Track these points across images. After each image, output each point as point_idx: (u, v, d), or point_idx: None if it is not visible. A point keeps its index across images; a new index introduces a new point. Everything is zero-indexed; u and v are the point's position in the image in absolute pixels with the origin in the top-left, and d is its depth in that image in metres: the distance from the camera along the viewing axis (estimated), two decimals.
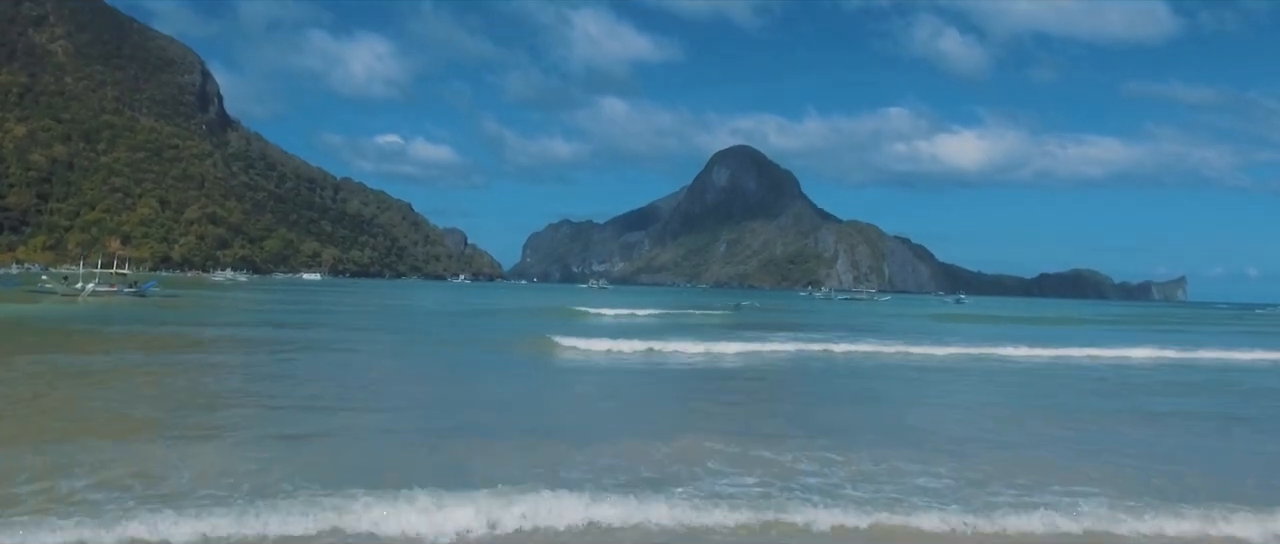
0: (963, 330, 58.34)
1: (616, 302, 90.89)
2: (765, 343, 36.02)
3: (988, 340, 41.46)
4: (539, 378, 23.57)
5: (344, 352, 30.01)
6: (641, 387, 22.90)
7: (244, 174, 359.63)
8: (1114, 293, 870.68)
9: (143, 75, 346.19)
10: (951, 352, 34.77)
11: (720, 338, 38.64)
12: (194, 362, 24.91)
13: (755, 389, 22.68)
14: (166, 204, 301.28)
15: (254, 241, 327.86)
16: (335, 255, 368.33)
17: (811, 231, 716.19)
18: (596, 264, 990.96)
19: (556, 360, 28.60)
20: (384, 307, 69.50)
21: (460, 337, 38.85)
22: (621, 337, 35.16)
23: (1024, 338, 43.13)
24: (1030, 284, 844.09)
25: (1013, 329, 61.22)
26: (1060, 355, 35.19)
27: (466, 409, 17.11)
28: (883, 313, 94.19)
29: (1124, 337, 51.14)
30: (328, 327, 42.38)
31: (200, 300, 68.08)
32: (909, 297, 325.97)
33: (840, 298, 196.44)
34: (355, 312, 56.58)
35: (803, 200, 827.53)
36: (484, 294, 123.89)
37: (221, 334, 35.49)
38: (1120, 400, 21.77)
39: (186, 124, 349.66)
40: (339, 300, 76.37)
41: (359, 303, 75.57)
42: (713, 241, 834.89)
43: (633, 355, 30.61)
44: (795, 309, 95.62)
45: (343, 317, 50.66)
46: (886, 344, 36.56)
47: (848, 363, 31.18)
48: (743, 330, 48.98)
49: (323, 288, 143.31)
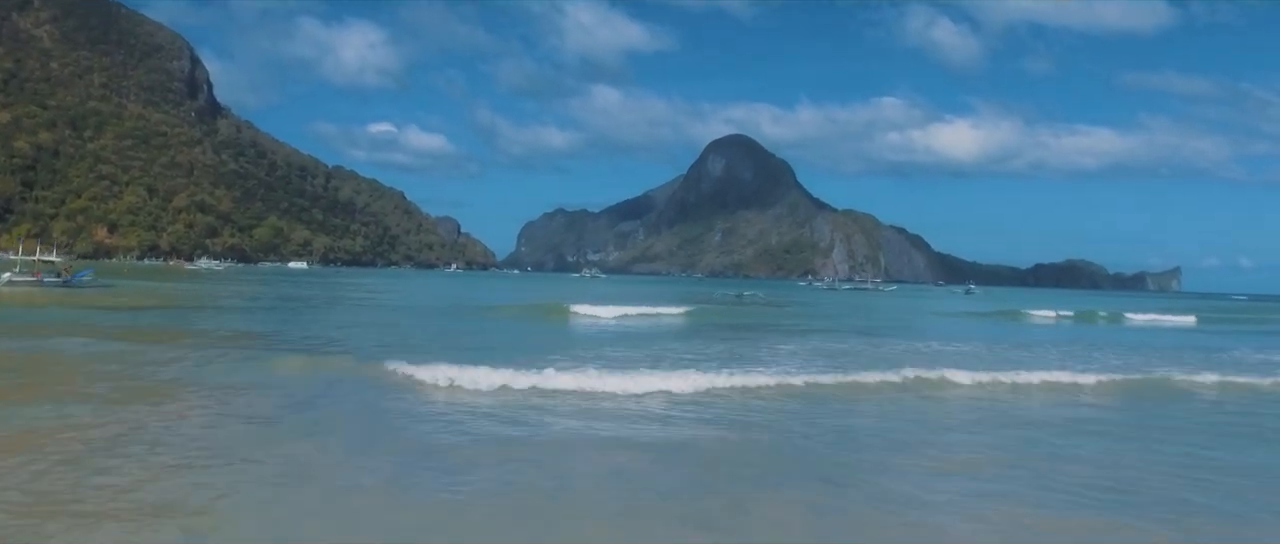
0: (1058, 338, 44.22)
1: (610, 296, 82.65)
2: (846, 369, 22.99)
3: (1135, 355, 31.72)
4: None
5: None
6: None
7: (234, 162, 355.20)
8: (1108, 283, 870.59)
9: (130, 61, 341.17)
10: (1115, 379, 23.01)
11: (760, 361, 25.03)
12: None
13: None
14: (154, 192, 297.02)
15: (244, 230, 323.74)
16: (327, 244, 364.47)
17: (807, 221, 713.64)
18: (591, 253, 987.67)
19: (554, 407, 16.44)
20: (349, 301, 60.15)
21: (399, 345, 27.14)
22: (629, 367, 21.28)
23: (1166, 350, 35.51)
24: (1025, 274, 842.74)
25: (1116, 334, 51.01)
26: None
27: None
28: (902, 307, 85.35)
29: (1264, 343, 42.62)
30: (221, 345, 25.40)
31: (143, 292, 58.92)
32: (915, 287, 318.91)
33: (845, 288, 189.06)
34: (289, 311, 46.23)
35: (798, 190, 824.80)
36: (471, 285, 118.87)
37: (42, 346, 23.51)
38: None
39: (175, 111, 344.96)
40: (302, 294, 65.73)
41: (321, 296, 63.61)
42: (708, 231, 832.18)
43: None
44: (805, 303, 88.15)
45: (264, 318, 39.09)
46: (1002, 370, 23.00)
47: (1001, 406, 18.60)
48: (781, 336, 37.26)
49: (305, 277, 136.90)
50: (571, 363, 21.63)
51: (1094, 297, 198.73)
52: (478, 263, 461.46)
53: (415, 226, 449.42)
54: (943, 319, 64.70)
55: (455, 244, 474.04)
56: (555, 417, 15.08)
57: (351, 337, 30.84)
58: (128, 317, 37.03)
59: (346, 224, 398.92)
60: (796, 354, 28.07)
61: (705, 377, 19.55)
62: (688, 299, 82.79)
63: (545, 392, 17.34)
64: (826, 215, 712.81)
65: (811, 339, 35.83)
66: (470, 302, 63.73)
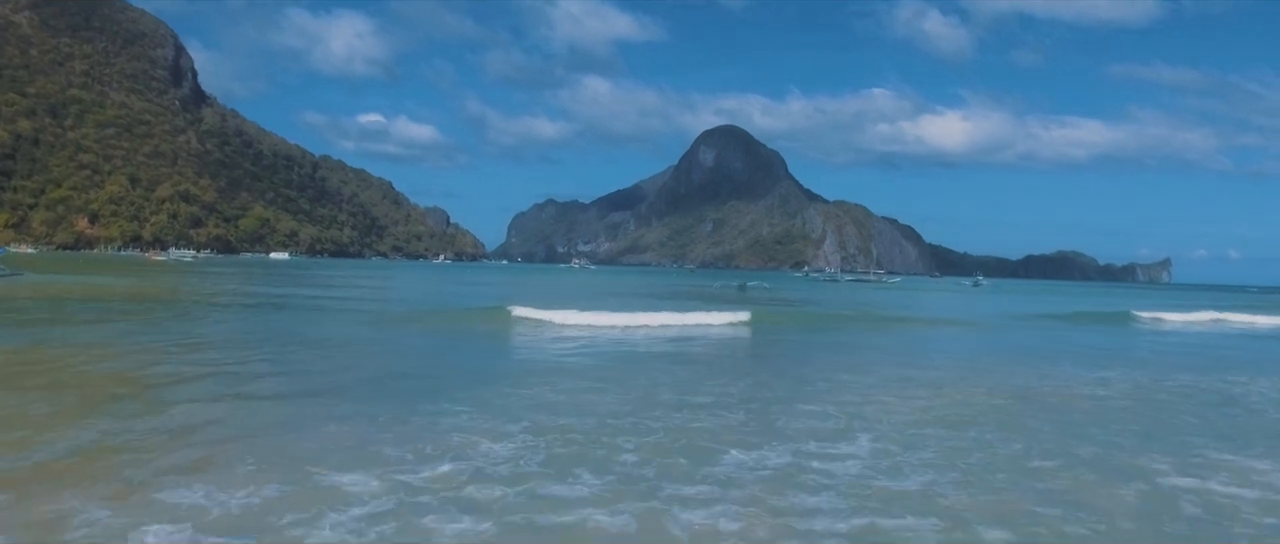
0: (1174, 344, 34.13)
1: (589, 291, 73.94)
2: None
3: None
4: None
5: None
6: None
7: (219, 151, 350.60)
8: (1099, 275, 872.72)
9: (112, 49, 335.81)
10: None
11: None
12: None
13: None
14: (137, 182, 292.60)
15: (229, 220, 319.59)
16: (314, 234, 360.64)
17: (799, 212, 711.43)
18: (581, 244, 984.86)
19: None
20: (294, 302, 43.05)
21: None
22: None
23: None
24: (1016, 266, 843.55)
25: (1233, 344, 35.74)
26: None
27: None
28: (937, 305, 73.12)
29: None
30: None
31: (47, 288, 47.65)
32: (917, 279, 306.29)
33: (846, 279, 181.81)
34: (190, 320, 30.52)
35: (789, 181, 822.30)
36: (448, 278, 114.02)
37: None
38: None
39: (159, 100, 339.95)
40: (250, 291, 52.37)
41: (269, 295, 48.42)
42: (699, 222, 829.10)
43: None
44: (818, 299, 73.70)
45: (141, 332, 24.69)
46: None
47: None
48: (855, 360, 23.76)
49: (279, 269, 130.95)
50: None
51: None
52: (467, 254, 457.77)
53: (403, 217, 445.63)
54: (1032, 325, 43.81)
55: (444, 235, 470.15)
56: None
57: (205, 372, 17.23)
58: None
59: (334, 214, 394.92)
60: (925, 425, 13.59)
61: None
62: (682, 294, 72.09)
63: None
64: (818, 206, 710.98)
65: (890, 367, 21.86)
66: (426, 301, 50.36)
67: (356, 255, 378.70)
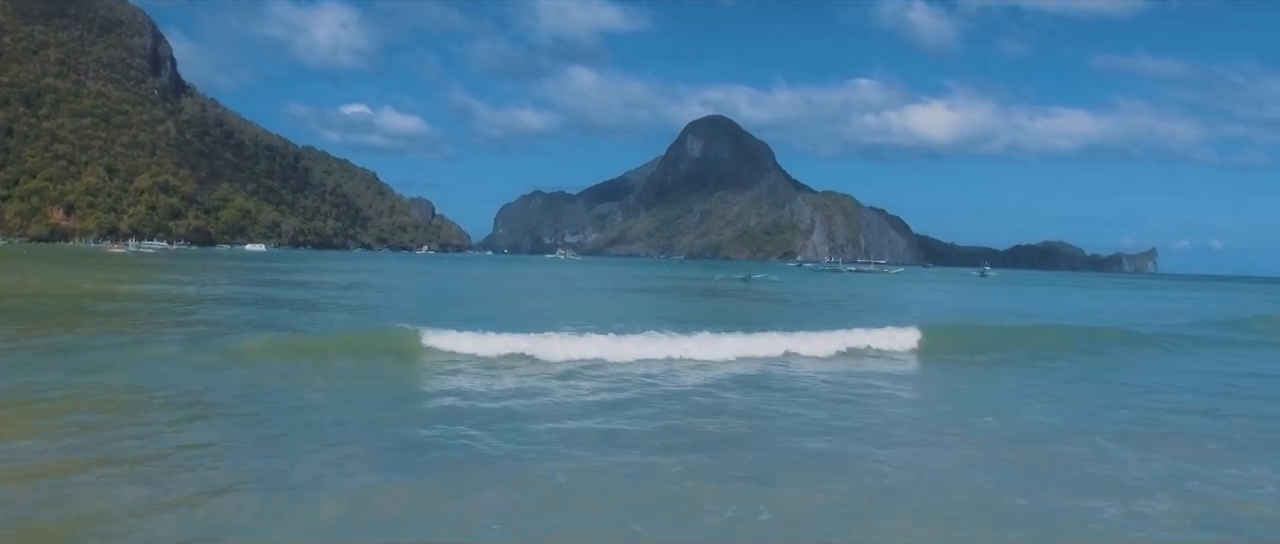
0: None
1: (576, 293, 59.79)
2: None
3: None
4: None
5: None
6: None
7: (199, 141, 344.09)
8: (1084, 265, 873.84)
9: (88, 37, 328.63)
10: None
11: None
12: None
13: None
14: (114, 172, 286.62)
15: (209, 212, 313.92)
16: (296, 225, 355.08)
17: (787, 202, 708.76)
18: (568, 235, 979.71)
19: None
20: (230, 304, 34.87)
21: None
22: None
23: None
24: (1004, 256, 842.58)
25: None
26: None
27: None
28: (977, 298, 65.31)
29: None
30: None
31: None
32: (920, 270, 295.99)
33: (848, 270, 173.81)
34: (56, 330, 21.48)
35: (777, 171, 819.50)
36: (428, 269, 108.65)
37: None
38: None
39: (137, 89, 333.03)
40: (178, 296, 40.59)
41: (202, 298, 31.72)
42: (686, 213, 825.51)
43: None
44: (841, 295, 64.72)
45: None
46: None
47: None
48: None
49: (248, 262, 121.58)
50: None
51: (1088, 278, 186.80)
52: (452, 245, 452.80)
53: (388, 208, 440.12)
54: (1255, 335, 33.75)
55: (429, 226, 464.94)
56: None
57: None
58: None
59: (317, 205, 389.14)
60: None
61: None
62: (687, 289, 62.89)
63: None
64: (806, 196, 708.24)
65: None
66: (360, 310, 38.26)
67: (340, 247, 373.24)
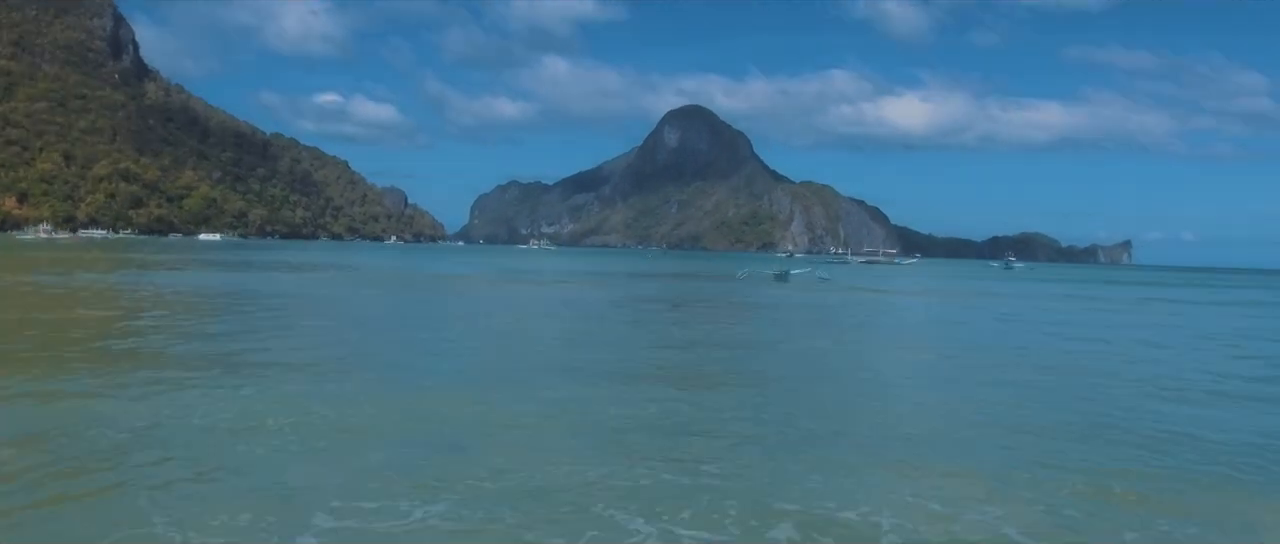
0: None
1: (489, 326, 46.59)
2: None
3: None
4: None
5: None
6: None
7: (162, 128, 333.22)
8: (1060, 257, 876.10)
9: (45, 18, 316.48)
10: None
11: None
12: None
13: None
14: (72, 159, 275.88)
15: (172, 201, 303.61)
16: (263, 215, 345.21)
17: (765, 193, 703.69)
18: (545, 226, 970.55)
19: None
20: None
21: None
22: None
23: None
24: (982, 247, 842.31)
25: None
26: None
27: None
28: (1054, 301, 55.44)
29: None
30: None
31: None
32: (939, 263, 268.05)
33: (858, 261, 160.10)
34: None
35: (755, 161, 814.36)
36: (386, 260, 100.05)
37: None
38: None
39: (96, 72, 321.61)
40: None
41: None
42: (663, 203, 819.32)
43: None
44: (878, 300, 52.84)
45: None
46: None
47: None
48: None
49: (186, 253, 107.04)
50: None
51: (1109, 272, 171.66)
52: (426, 235, 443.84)
53: (360, 197, 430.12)
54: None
55: (402, 216, 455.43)
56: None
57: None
58: None
59: (285, 195, 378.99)
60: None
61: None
62: (685, 303, 43.92)
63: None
64: (785, 187, 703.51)
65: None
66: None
67: (310, 237, 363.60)
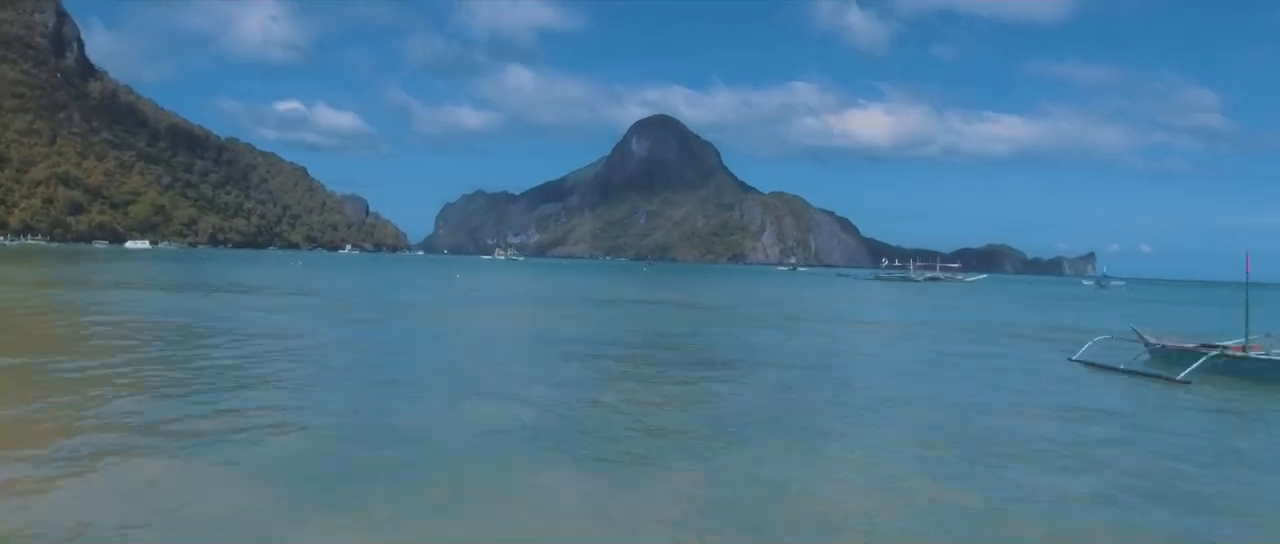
0: None
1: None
2: None
3: None
4: None
5: None
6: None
7: (108, 130, 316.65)
8: (1027, 269, 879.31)
9: None
10: None
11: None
12: None
13: None
14: (7, 161, 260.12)
15: (117, 207, 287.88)
16: (216, 223, 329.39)
17: (736, 203, 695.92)
18: (511, 236, 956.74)
19: None
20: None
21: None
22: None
23: None
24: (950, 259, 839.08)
25: None
26: None
27: None
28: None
29: None
30: None
31: None
32: (1013, 278, 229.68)
33: (923, 278, 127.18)
34: None
35: (724, 172, 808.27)
36: (311, 274, 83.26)
37: None
38: None
39: (36, 70, 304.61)
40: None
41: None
42: (632, 214, 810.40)
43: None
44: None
45: None
46: None
47: None
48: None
49: (94, 265, 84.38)
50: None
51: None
52: (387, 245, 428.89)
53: (318, 205, 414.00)
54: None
55: (363, 225, 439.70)
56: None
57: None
58: None
59: (240, 202, 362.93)
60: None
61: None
62: (677, 342, 38.86)
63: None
64: (755, 197, 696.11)
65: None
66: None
67: (265, 245, 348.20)
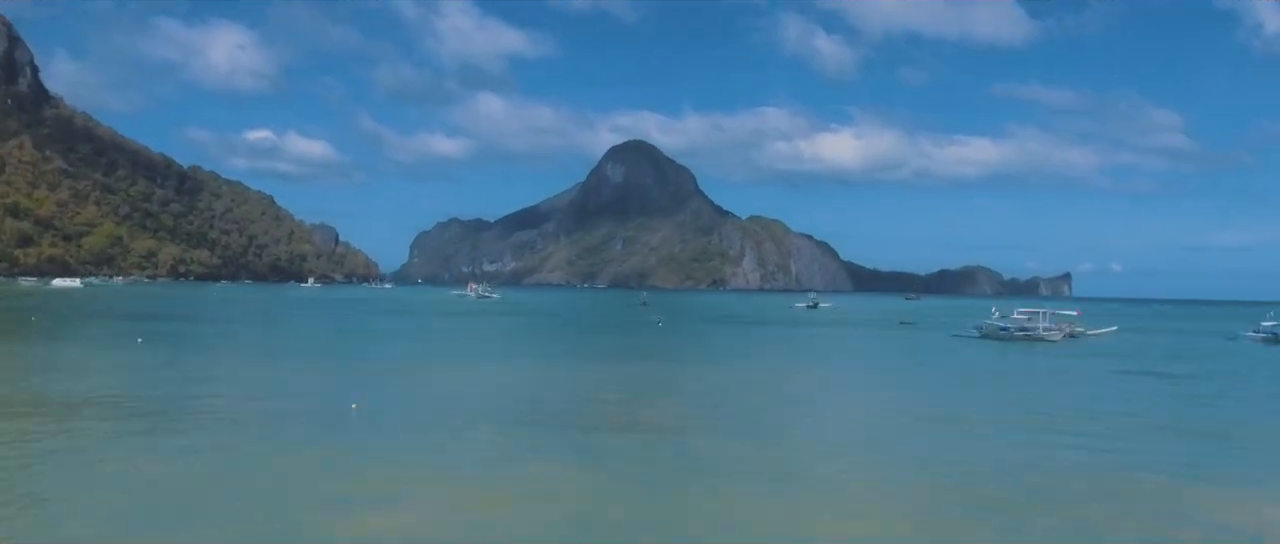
0: None
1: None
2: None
3: None
4: None
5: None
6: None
7: (62, 159, 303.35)
8: (1004, 290, 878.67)
9: None
10: None
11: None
12: None
13: None
14: None
15: (70, 239, 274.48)
16: (176, 254, 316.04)
17: (714, 228, 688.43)
18: (486, 263, 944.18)
19: None
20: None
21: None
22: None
23: None
24: (929, 281, 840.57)
25: None
26: None
27: None
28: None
29: None
30: None
31: None
32: (1150, 322, 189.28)
33: (1050, 328, 77.57)
34: None
35: (700, 197, 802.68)
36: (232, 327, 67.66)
37: None
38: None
39: None
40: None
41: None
42: (608, 240, 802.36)
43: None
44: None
45: None
46: None
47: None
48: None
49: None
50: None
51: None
52: (357, 275, 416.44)
53: (285, 235, 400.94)
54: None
55: (333, 254, 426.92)
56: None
57: None
58: None
59: (203, 232, 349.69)
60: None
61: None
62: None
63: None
64: (734, 222, 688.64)
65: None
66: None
67: (231, 278, 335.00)
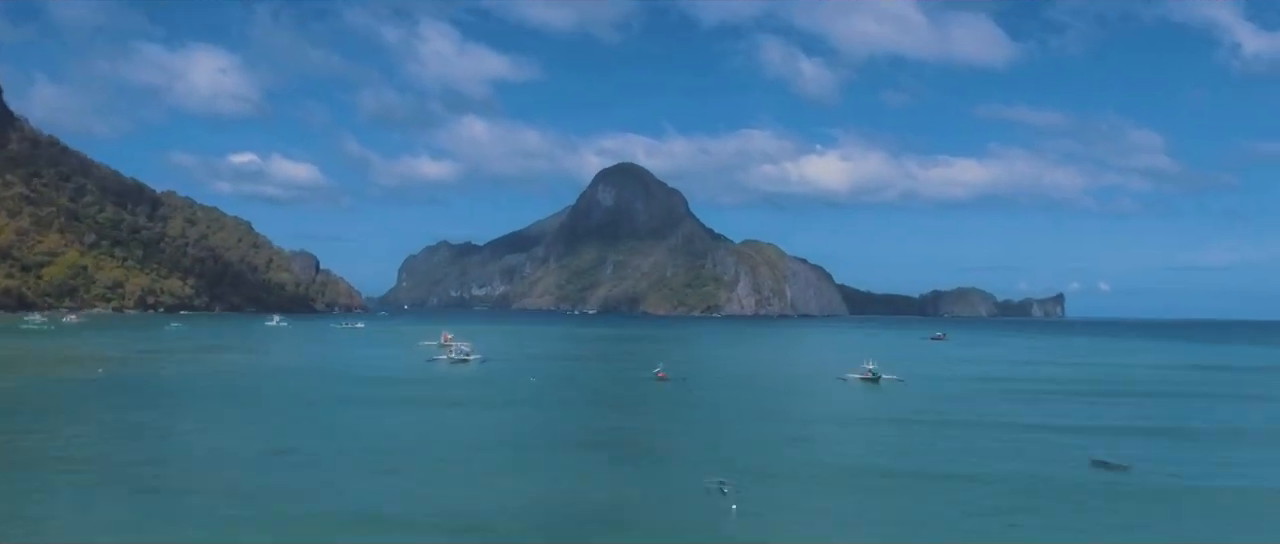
0: None
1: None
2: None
3: None
4: None
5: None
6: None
7: (24, 184, 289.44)
8: (998, 311, 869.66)
9: None
10: None
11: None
12: None
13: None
14: None
15: (28, 270, 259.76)
16: (145, 284, 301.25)
17: (707, 252, 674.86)
18: (476, 288, 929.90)
19: None
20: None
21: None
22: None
23: None
24: (924, 303, 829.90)
25: None
26: None
27: None
28: None
29: None
30: None
31: None
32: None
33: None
34: None
35: (692, 220, 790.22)
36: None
37: None
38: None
39: None
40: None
41: None
42: (598, 263, 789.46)
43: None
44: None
45: None
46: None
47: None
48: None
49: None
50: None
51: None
52: (340, 303, 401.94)
53: (264, 263, 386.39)
54: None
55: (314, 282, 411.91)
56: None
57: None
58: None
59: (175, 260, 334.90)
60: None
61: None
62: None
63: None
64: (727, 247, 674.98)
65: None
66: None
67: (205, 309, 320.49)
